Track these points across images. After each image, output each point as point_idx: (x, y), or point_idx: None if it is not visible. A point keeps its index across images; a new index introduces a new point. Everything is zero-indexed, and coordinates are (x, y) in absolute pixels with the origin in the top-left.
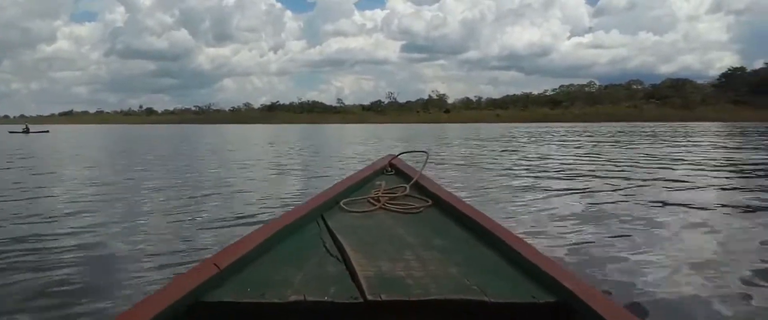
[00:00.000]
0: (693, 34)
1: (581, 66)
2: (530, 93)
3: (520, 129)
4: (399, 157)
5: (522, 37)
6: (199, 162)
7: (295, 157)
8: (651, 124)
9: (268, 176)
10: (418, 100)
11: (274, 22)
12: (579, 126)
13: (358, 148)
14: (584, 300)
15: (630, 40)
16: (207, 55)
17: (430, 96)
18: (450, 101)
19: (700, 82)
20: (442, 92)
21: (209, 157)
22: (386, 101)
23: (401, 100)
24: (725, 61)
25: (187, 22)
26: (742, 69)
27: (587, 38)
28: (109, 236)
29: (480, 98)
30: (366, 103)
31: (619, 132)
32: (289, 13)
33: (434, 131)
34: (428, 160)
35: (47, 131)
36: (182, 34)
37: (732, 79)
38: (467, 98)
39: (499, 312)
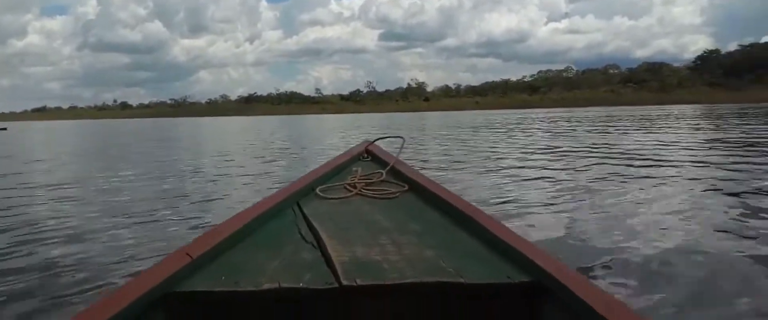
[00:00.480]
0: (667, 18)
1: (558, 51)
2: (509, 79)
3: (499, 115)
4: (375, 142)
5: (500, 23)
6: (174, 156)
7: (273, 147)
8: (629, 107)
9: (245, 167)
10: (397, 88)
11: (249, 13)
12: (558, 111)
13: (335, 138)
14: (558, 279)
15: (605, 25)
16: (182, 47)
17: (409, 84)
18: (429, 89)
19: (676, 65)
20: (421, 80)
21: (184, 149)
22: (365, 90)
23: (380, 89)
24: (699, 43)
25: (161, 14)
26: (716, 51)
27: (564, 24)
28: (74, 233)
29: (459, 86)
30: (345, 92)
31: (598, 117)
32: (264, 3)
33: (414, 120)
34: (404, 146)
35: (5, 129)
36: (156, 26)
37: (707, 61)
38: (446, 86)
39: (474, 292)
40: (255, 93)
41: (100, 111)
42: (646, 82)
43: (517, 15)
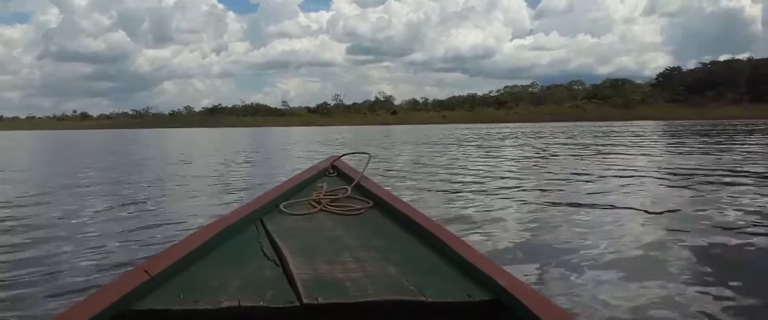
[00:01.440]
0: (629, 36)
1: (523, 67)
2: (475, 94)
3: (467, 130)
4: (341, 158)
5: (466, 39)
6: (131, 170)
7: (235, 161)
8: (594, 123)
9: (205, 183)
10: (364, 101)
11: (215, 24)
12: (525, 126)
13: (299, 151)
14: (518, 298)
15: (569, 42)
16: (146, 57)
17: (376, 98)
18: (397, 103)
19: (638, 81)
20: (388, 94)
21: (143, 163)
22: (332, 103)
23: (348, 102)
24: (659, 61)
25: (125, 24)
26: (678, 69)
27: (528, 40)
28: (22, 252)
29: (426, 100)
30: (312, 105)
31: (565, 131)
32: (231, 14)
33: (381, 133)
34: (370, 161)
35: None
36: (120, 36)
37: (669, 78)
38: (414, 100)
39: (435, 311)
40: (220, 104)
41: (59, 121)
42: (609, 98)
43: (483, 31)
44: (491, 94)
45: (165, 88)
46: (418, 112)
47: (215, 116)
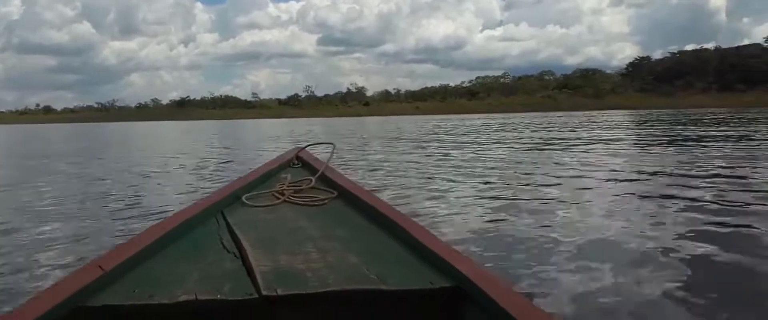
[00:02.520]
0: (597, 27)
1: (493, 58)
2: (448, 85)
3: (442, 120)
4: (306, 149)
5: (437, 30)
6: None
7: (200, 154)
8: (566, 113)
9: (169, 176)
10: (336, 93)
11: (183, 15)
12: (498, 117)
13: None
14: (478, 284)
15: (539, 33)
16: (112, 49)
17: (348, 89)
18: (369, 94)
19: (609, 71)
20: (360, 85)
21: (103, 157)
22: (304, 95)
23: (319, 93)
24: (627, 51)
25: (90, 15)
26: (647, 58)
27: (499, 31)
28: None
29: (399, 91)
30: (283, 97)
31: (538, 122)
32: (199, 5)
33: (353, 125)
34: (335, 152)
35: None
36: (85, 28)
37: (638, 68)
38: (386, 91)
39: (396, 299)
40: (188, 97)
41: (22, 115)
42: (580, 88)
43: (454, 22)
44: (463, 85)
45: (132, 80)
46: (390, 103)
47: (183, 109)
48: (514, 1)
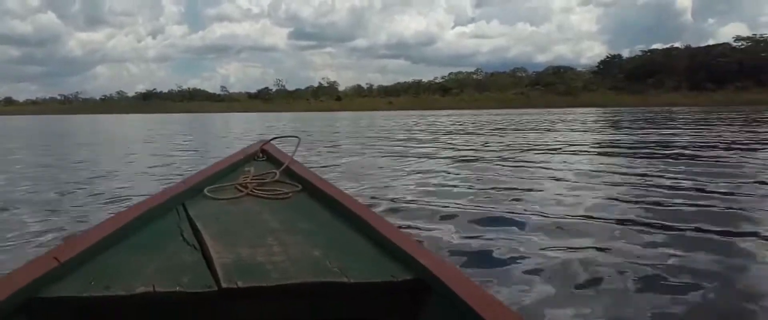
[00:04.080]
0: (566, 25)
1: (464, 55)
2: (420, 80)
3: (418, 116)
4: (271, 142)
5: (409, 25)
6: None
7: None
8: (539, 110)
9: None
10: (308, 87)
11: (151, 5)
12: (472, 113)
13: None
14: (440, 277)
15: (509, 30)
16: (78, 40)
17: (320, 83)
18: (341, 89)
19: (580, 69)
20: (332, 80)
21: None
22: (274, 89)
23: (290, 87)
24: (595, 50)
25: (55, 5)
26: (618, 56)
27: (470, 28)
28: None
29: (371, 86)
30: (253, 91)
31: (507, 119)
32: None
33: (324, 120)
34: (300, 145)
35: None
36: (49, 18)
37: (609, 66)
38: (359, 86)
39: (358, 292)
40: (155, 89)
41: None
42: (553, 85)
43: (426, 18)
44: (436, 81)
45: (98, 72)
46: (363, 98)
47: (149, 101)
48: None
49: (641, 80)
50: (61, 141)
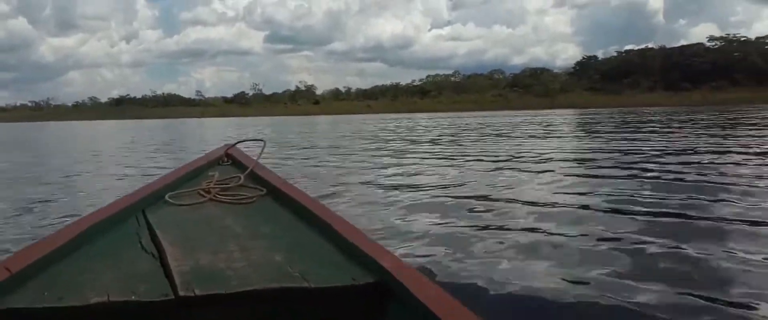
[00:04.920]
0: (541, 27)
1: (441, 57)
2: (399, 83)
3: (399, 120)
4: (236, 146)
5: (386, 29)
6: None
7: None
8: (518, 112)
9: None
10: (285, 91)
11: (125, 10)
12: (456, 115)
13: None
14: (401, 280)
15: (485, 33)
16: (50, 46)
17: (297, 87)
18: (319, 92)
19: (556, 71)
20: (310, 83)
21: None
22: (251, 93)
23: (267, 91)
24: (569, 51)
25: (26, 10)
26: (594, 58)
27: (446, 31)
28: None
29: (349, 89)
30: (229, 95)
31: (485, 123)
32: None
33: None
34: (266, 148)
35: None
36: (20, 23)
37: (585, 67)
38: (337, 89)
39: (319, 296)
40: (128, 95)
41: None
42: (530, 87)
43: (403, 21)
44: (414, 83)
45: (70, 78)
46: (341, 101)
47: (122, 107)
48: (461, 1)
49: (617, 81)
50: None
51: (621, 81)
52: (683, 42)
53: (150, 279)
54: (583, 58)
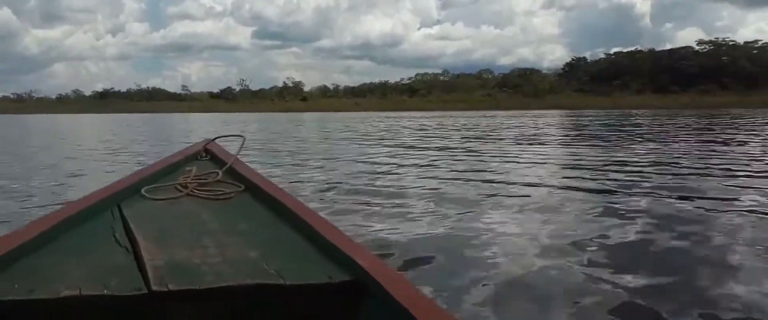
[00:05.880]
0: (529, 28)
1: (430, 56)
2: (387, 81)
3: (401, 120)
4: (215, 141)
5: (374, 26)
6: None
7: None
8: (507, 112)
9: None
10: (272, 87)
11: (111, 3)
12: (443, 114)
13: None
14: (376, 278)
15: (474, 33)
16: (34, 38)
17: (285, 83)
18: (306, 89)
19: (545, 72)
20: (297, 80)
21: None
22: (238, 88)
23: (254, 87)
24: (557, 53)
25: (10, 1)
26: (583, 59)
27: (435, 30)
28: None
29: (337, 86)
30: (215, 90)
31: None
32: None
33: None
34: (245, 144)
35: None
36: (4, 14)
37: (575, 68)
38: (324, 86)
39: (294, 294)
40: (113, 88)
41: None
42: (520, 87)
43: (392, 19)
44: (403, 82)
45: (55, 70)
46: (329, 98)
47: (106, 101)
48: (450, 0)
49: (606, 82)
50: None
51: (610, 83)
52: (669, 45)
53: (123, 273)
54: (572, 60)
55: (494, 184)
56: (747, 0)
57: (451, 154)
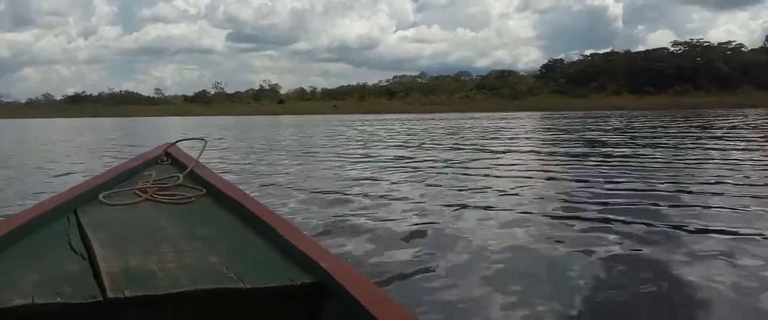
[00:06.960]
0: (504, 31)
1: (406, 59)
2: (366, 84)
3: (380, 122)
4: (176, 144)
5: (351, 29)
6: None
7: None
8: (486, 114)
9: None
10: (248, 90)
11: (83, 5)
12: (422, 117)
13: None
14: (339, 280)
15: (450, 35)
16: (3, 42)
17: (261, 86)
18: (283, 92)
19: (522, 73)
20: (274, 82)
21: None
22: (213, 92)
23: (229, 90)
24: (532, 55)
25: None
26: (560, 61)
27: (411, 32)
28: None
29: (315, 89)
30: (190, 93)
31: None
32: None
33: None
34: (206, 147)
35: None
36: None
37: (551, 70)
38: (302, 89)
39: (254, 297)
40: (84, 92)
41: None
42: (497, 89)
43: (368, 22)
44: (381, 84)
45: (25, 74)
46: (306, 101)
47: (77, 105)
48: (426, 3)
49: (584, 84)
50: None
51: (587, 84)
52: (642, 47)
53: (77, 281)
54: (549, 62)
55: (463, 192)
56: (717, 2)
57: (423, 158)
